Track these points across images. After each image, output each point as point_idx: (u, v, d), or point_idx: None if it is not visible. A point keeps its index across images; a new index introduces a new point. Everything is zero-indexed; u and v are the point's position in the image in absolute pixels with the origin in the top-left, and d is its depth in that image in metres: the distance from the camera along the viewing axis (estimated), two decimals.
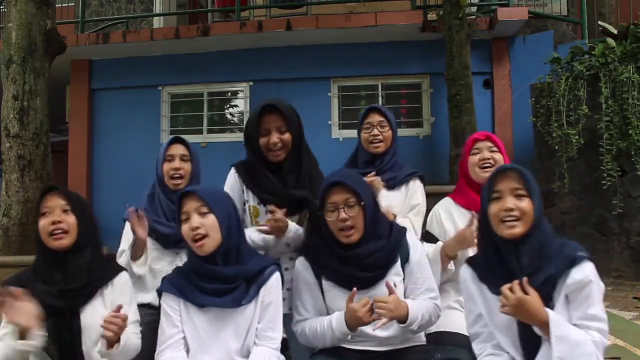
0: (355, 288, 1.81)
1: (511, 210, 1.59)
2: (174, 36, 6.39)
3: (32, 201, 5.20)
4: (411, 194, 2.51)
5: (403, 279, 1.92)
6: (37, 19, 5.29)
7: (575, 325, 1.55)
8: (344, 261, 1.87)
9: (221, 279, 1.79)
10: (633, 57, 4.85)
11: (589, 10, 6.20)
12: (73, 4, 7.92)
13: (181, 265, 2.26)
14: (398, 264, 1.90)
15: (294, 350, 2.12)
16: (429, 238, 2.30)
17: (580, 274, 1.56)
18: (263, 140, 2.09)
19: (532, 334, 1.58)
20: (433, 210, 2.37)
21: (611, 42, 5.02)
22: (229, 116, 7.11)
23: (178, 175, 2.35)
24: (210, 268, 1.79)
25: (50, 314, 1.71)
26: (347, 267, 1.87)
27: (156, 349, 1.82)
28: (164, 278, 1.90)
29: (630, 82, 4.71)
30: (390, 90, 6.60)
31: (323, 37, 6.34)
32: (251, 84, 6.78)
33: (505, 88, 6.26)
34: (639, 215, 4.85)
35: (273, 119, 2.09)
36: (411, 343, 1.91)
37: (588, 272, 1.56)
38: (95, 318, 1.76)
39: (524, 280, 1.53)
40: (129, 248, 2.24)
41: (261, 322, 1.82)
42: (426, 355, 1.83)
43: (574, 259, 1.57)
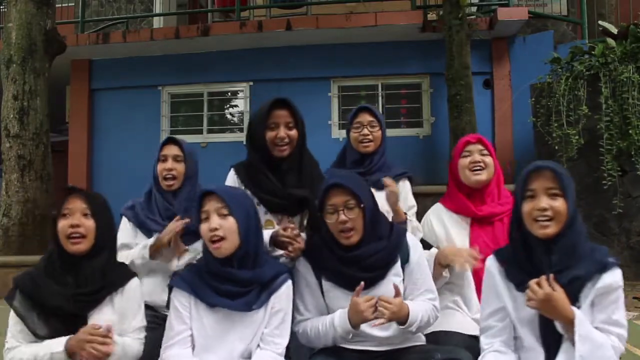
0: (362, 283, 1.80)
1: (545, 210, 1.59)
2: (174, 36, 6.40)
3: (32, 201, 5.21)
4: (404, 195, 2.50)
5: (402, 280, 1.92)
6: (37, 19, 5.30)
7: (597, 328, 1.57)
8: (344, 262, 1.87)
9: (235, 282, 1.79)
10: (633, 57, 4.85)
11: (589, 10, 6.20)
12: (73, 4, 7.92)
13: (178, 264, 2.26)
14: (398, 264, 1.90)
15: (294, 352, 2.12)
16: (422, 245, 2.30)
17: (611, 278, 1.58)
18: (270, 134, 2.09)
19: (554, 331, 1.59)
20: (425, 217, 2.36)
21: (611, 42, 5.02)
22: (229, 116, 7.11)
23: (170, 176, 2.34)
24: (226, 270, 1.79)
25: (59, 316, 1.72)
26: (348, 268, 1.87)
27: (162, 344, 1.82)
28: (175, 273, 1.89)
29: (630, 82, 4.71)
30: (390, 90, 6.61)
31: (323, 37, 6.34)
32: (251, 84, 6.79)
33: (505, 88, 6.26)
34: (639, 215, 4.85)
35: (282, 114, 2.10)
36: (411, 343, 1.91)
37: (618, 278, 1.59)
38: (102, 323, 1.76)
39: (551, 276, 1.53)
40: (143, 247, 2.23)
41: (268, 328, 1.82)
42: (426, 355, 1.83)
43: (605, 264, 1.59)
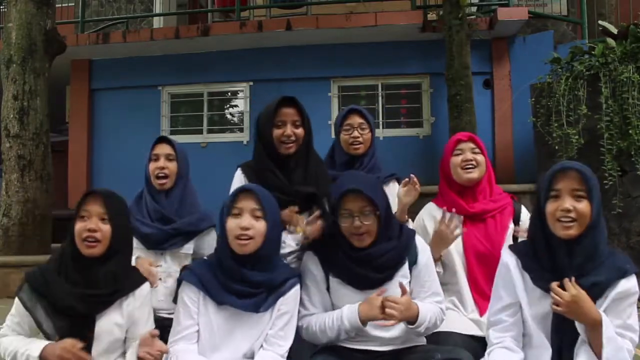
0: (384, 288, 1.82)
1: (569, 211, 1.59)
2: (174, 36, 6.39)
3: (32, 201, 5.21)
4: (393, 197, 2.51)
5: (409, 281, 1.92)
6: (37, 19, 5.30)
7: None
8: (354, 260, 1.87)
9: (247, 283, 1.80)
10: (633, 57, 4.84)
11: (589, 10, 6.19)
12: (73, 4, 7.92)
13: (165, 265, 2.27)
14: (406, 266, 1.91)
15: (294, 352, 2.12)
16: None
17: (628, 284, 1.59)
18: (277, 132, 2.11)
19: (568, 331, 1.59)
20: (418, 217, 2.37)
21: (611, 42, 5.01)
22: (229, 116, 7.11)
23: (163, 175, 2.34)
24: (241, 270, 1.79)
25: (67, 315, 1.72)
26: (357, 267, 1.87)
27: (169, 337, 1.82)
28: (185, 267, 1.89)
29: (630, 82, 4.70)
30: (390, 90, 6.60)
31: (323, 37, 6.34)
32: (251, 84, 6.78)
33: (505, 88, 6.26)
34: (639, 215, 4.84)
35: (289, 112, 2.12)
36: (411, 343, 1.92)
37: (634, 284, 1.59)
38: (110, 326, 1.77)
39: (573, 279, 1.53)
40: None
41: (273, 329, 1.83)
42: (426, 355, 1.83)
43: (625, 271, 1.59)
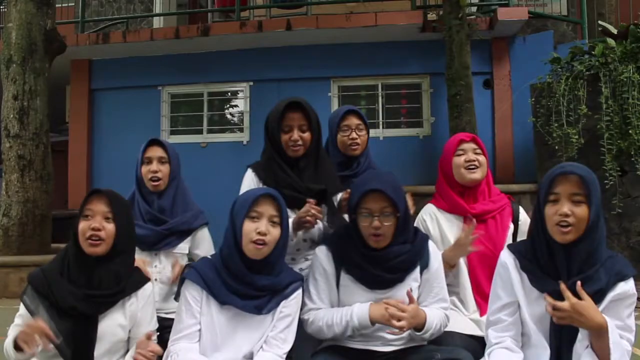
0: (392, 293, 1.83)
1: (567, 215, 1.58)
2: (174, 36, 6.40)
3: (32, 201, 5.21)
4: None
5: (419, 285, 1.92)
6: (37, 19, 5.30)
7: None
8: (368, 260, 1.87)
9: (251, 286, 1.80)
10: (633, 57, 4.85)
11: (589, 10, 6.20)
12: (73, 4, 7.92)
13: (160, 265, 2.27)
14: (417, 269, 1.91)
15: (295, 351, 2.12)
16: None
17: (627, 286, 1.58)
18: (284, 136, 2.12)
19: (566, 332, 1.59)
20: (418, 218, 2.34)
21: (611, 42, 5.01)
22: (229, 116, 7.11)
23: (156, 178, 2.34)
24: (248, 274, 1.79)
25: (69, 315, 1.71)
26: (371, 266, 1.87)
27: (171, 336, 1.82)
28: (188, 265, 1.89)
29: (630, 82, 4.71)
30: (390, 90, 6.61)
31: (323, 37, 6.34)
32: (251, 84, 6.79)
33: (505, 88, 6.26)
34: (639, 216, 4.85)
35: (296, 117, 2.12)
36: (412, 343, 1.92)
37: (632, 286, 1.59)
38: (113, 327, 1.76)
39: (577, 285, 1.52)
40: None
41: (273, 331, 1.82)
42: (426, 355, 1.83)
43: (624, 275, 1.59)
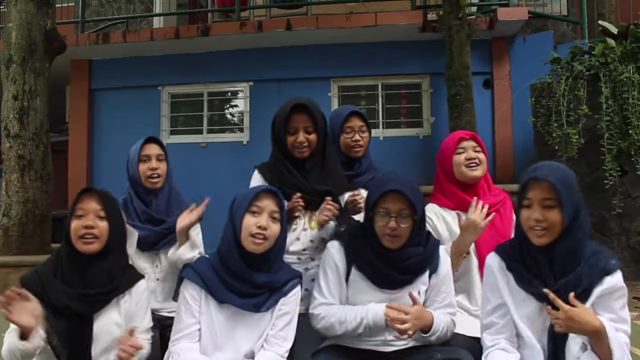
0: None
1: (539, 221, 1.60)
2: (174, 36, 6.39)
3: (32, 201, 5.21)
4: None
5: (426, 289, 1.93)
6: (37, 19, 5.29)
7: None
8: (381, 259, 1.87)
9: (250, 283, 1.80)
10: (633, 57, 4.84)
11: (589, 10, 6.20)
12: (73, 4, 7.92)
13: (161, 265, 2.28)
14: (427, 273, 1.92)
15: (297, 351, 2.12)
16: None
17: (613, 280, 1.59)
18: (290, 138, 2.14)
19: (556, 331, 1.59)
20: None
21: (611, 42, 5.01)
22: (229, 116, 7.10)
23: (156, 175, 2.34)
24: (247, 271, 1.79)
25: (64, 315, 1.70)
26: (383, 265, 1.87)
27: (171, 336, 1.82)
28: (186, 265, 1.89)
29: (630, 82, 4.71)
30: (390, 90, 6.60)
31: (323, 37, 6.34)
32: (251, 84, 6.78)
33: (505, 88, 6.26)
34: (639, 216, 4.85)
35: (302, 119, 2.13)
36: (413, 344, 1.92)
37: (620, 279, 1.60)
38: (108, 325, 1.76)
39: (570, 296, 1.53)
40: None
41: (273, 329, 1.83)
42: (426, 355, 1.83)
43: (608, 270, 1.59)
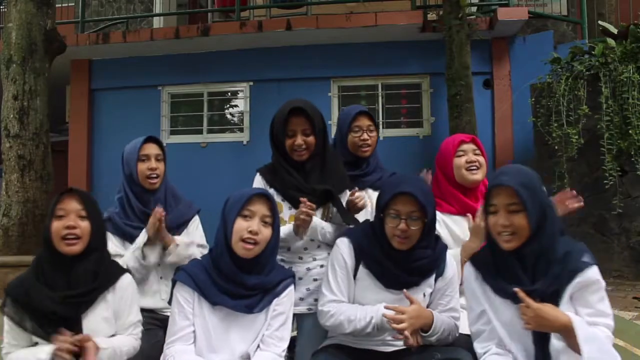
0: (405, 290, 1.83)
1: (505, 226, 1.62)
2: (174, 36, 6.39)
3: (32, 201, 5.21)
4: None
5: (431, 292, 1.94)
6: (37, 19, 5.29)
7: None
8: (390, 259, 1.88)
9: (241, 285, 1.79)
10: (633, 57, 4.85)
11: (589, 10, 6.20)
12: (73, 4, 7.92)
13: (163, 265, 2.27)
14: (433, 277, 1.92)
15: (297, 350, 2.13)
16: None
17: (587, 274, 1.59)
18: (288, 141, 2.13)
19: (536, 333, 1.60)
20: None
21: (611, 42, 5.02)
22: (229, 116, 7.11)
23: (155, 175, 2.33)
24: (238, 274, 1.78)
25: (51, 319, 1.69)
26: (391, 264, 1.88)
27: (166, 339, 1.82)
28: (179, 268, 1.89)
29: (630, 82, 4.71)
30: (390, 90, 6.61)
31: (323, 37, 6.34)
32: (251, 84, 6.78)
33: (505, 88, 6.26)
34: (639, 216, 4.85)
35: (299, 122, 2.12)
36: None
37: (593, 274, 1.59)
38: (97, 323, 1.76)
39: (526, 298, 1.54)
40: (137, 248, 2.22)
41: (269, 330, 1.82)
42: (426, 355, 1.83)
43: (581, 270, 1.59)
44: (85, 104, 7.01)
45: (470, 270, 1.77)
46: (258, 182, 2.22)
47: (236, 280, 1.78)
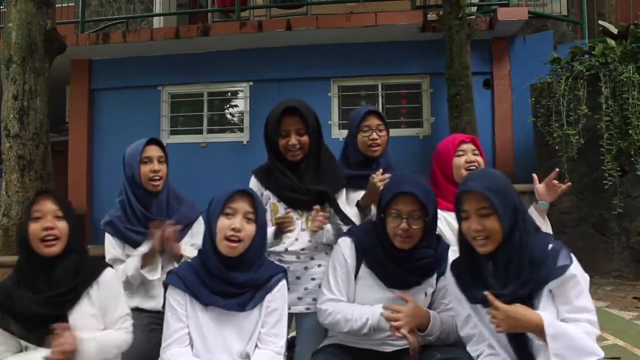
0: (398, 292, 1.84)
1: (478, 231, 1.63)
2: (174, 36, 6.39)
3: None
4: None
5: (433, 291, 1.94)
6: (37, 19, 5.29)
7: (565, 319, 1.57)
8: (392, 259, 1.89)
9: (231, 283, 1.79)
10: (633, 57, 4.84)
11: (589, 10, 6.20)
12: (73, 4, 7.92)
13: (167, 268, 2.25)
14: (435, 276, 1.93)
15: (297, 350, 2.13)
16: None
17: (565, 271, 1.58)
18: (282, 141, 2.13)
19: (519, 336, 1.61)
20: None
21: (611, 42, 5.01)
22: (229, 116, 7.11)
23: (158, 177, 2.32)
24: (225, 272, 1.78)
25: (38, 322, 1.69)
26: (393, 264, 1.88)
27: (162, 343, 1.81)
28: (170, 271, 1.89)
29: (630, 82, 4.71)
30: (390, 90, 6.60)
31: (323, 37, 6.34)
32: (251, 84, 6.78)
33: (505, 88, 6.26)
34: (639, 216, 4.84)
35: (293, 122, 2.12)
36: None
37: (574, 267, 1.59)
38: (84, 320, 1.75)
39: (494, 301, 1.55)
40: (138, 256, 2.20)
41: (265, 327, 1.82)
42: (426, 355, 1.83)
43: (557, 274, 1.58)
44: (85, 104, 7.01)
45: (450, 278, 1.78)
46: (253, 184, 2.22)
47: (225, 279, 1.78)
